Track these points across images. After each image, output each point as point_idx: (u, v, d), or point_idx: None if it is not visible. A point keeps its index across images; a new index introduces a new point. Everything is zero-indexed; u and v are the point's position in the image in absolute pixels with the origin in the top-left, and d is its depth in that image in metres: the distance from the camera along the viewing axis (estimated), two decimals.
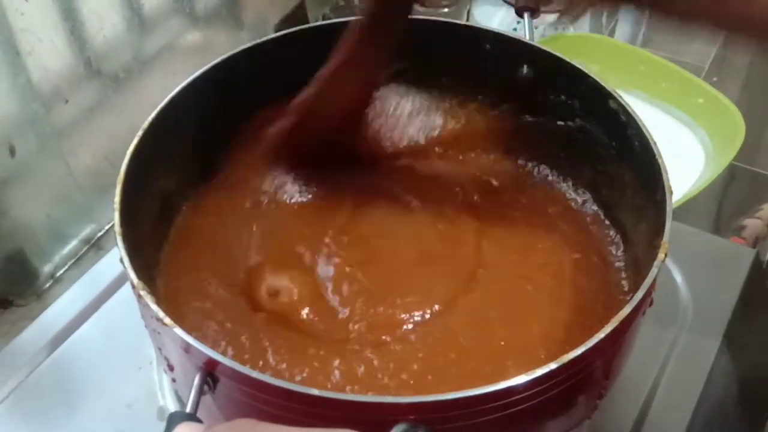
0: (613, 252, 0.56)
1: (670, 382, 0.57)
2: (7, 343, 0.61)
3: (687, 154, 0.87)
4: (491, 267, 0.54)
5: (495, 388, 0.38)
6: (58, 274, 0.74)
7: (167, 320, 0.40)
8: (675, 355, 0.59)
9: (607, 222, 0.58)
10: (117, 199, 0.47)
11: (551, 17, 1.01)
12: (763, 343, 0.68)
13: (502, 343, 0.49)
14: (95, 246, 0.77)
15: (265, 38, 0.60)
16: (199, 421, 0.36)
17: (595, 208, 0.60)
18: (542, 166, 0.63)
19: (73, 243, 0.76)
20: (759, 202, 0.94)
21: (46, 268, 0.74)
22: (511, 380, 0.38)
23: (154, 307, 0.41)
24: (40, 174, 0.71)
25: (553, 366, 0.39)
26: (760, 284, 0.66)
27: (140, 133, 0.51)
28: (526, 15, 0.65)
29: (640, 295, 0.42)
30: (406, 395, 0.39)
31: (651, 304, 0.47)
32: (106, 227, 0.77)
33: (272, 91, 0.62)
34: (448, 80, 0.65)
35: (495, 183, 0.62)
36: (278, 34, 0.60)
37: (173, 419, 0.35)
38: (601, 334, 0.40)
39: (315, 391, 0.37)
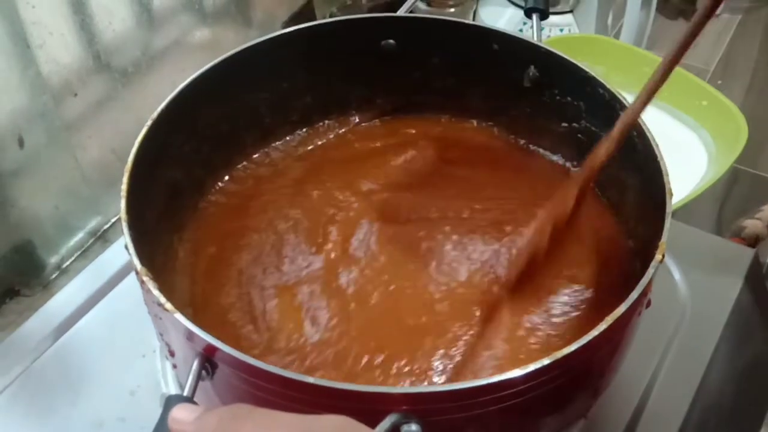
0: (615, 250, 0.57)
1: (667, 381, 0.57)
2: (13, 331, 0.62)
3: (690, 156, 0.87)
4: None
5: (488, 381, 0.38)
6: (64, 266, 0.75)
7: (168, 305, 0.41)
8: (672, 353, 0.59)
9: (608, 221, 0.59)
10: (124, 186, 0.47)
11: (557, 18, 1.02)
12: (760, 342, 0.68)
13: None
14: (101, 238, 0.78)
15: (272, 34, 0.60)
16: (195, 404, 0.37)
17: (597, 207, 0.60)
18: (545, 166, 0.63)
19: (80, 235, 0.77)
20: (760, 205, 0.95)
21: (53, 260, 0.75)
22: (504, 374, 0.39)
23: (156, 292, 0.41)
24: (49, 166, 0.72)
25: (546, 361, 0.39)
26: (759, 284, 0.66)
27: (149, 123, 0.52)
28: (534, 16, 0.65)
29: (635, 295, 0.43)
30: None
31: (648, 305, 0.47)
32: (113, 220, 0.78)
33: (279, 87, 0.63)
34: (454, 80, 0.65)
35: (496, 181, 0.62)
36: (286, 30, 0.61)
37: (170, 402, 0.36)
38: (594, 332, 0.41)
39: (310, 379, 0.37)
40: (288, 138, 0.65)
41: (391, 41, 0.63)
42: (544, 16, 0.65)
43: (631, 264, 0.55)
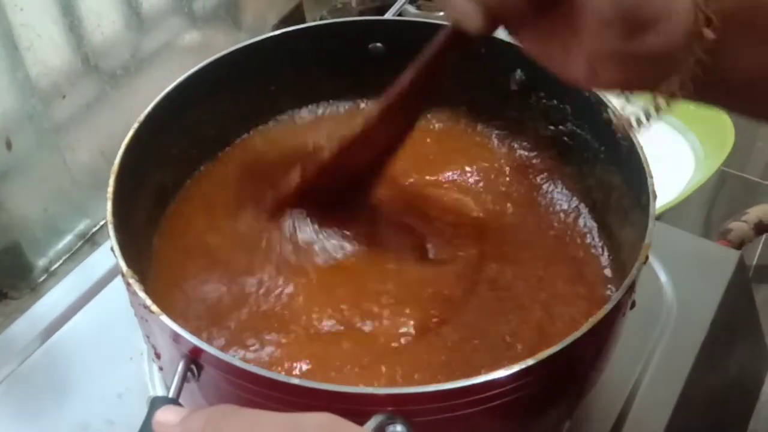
0: (601, 253, 0.57)
1: (653, 382, 0.57)
2: None
3: (677, 159, 0.88)
4: (478, 262, 0.55)
5: (472, 381, 0.39)
6: (52, 268, 0.75)
7: (154, 308, 0.41)
8: (658, 354, 0.59)
9: (594, 224, 0.59)
10: (110, 189, 0.47)
11: None
12: (746, 344, 0.69)
13: (476, 341, 0.50)
14: (90, 241, 0.78)
15: (262, 36, 0.60)
16: (180, 405, 0.37)
17: (583, 210, 0.60)
18: (531, 169, 0.63)
19: (68, 238, 0.77)
20: (748, 207, 0.96)
21: (41, 262, 0.75)
22: (488, 375, 0.39)
23: (141, 294, 0.42)
24: (37, 169, 0.72)
25: (530, 362, 0.40)
26: (744, 286, 0.67)
27: (136, 125, 0.52)
28: None
29: (618, 295, 0.43)
30: None
31: (633, 306, 0.48)
32: (101, 223, 0.78)
33: (267, 90, 0.63)
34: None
35: (484, 183, 0.63)
36: (275, 32, 0.61)
37: (155, 403, 0.36)
38: (578, 333, 0.41)
39: (295, 381, 0.38)
40: (275, 137, 0.65)
41: (379, 44, 0.63)
42: None
43: (614, 268, 0.55)
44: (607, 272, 0.55)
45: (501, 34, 0.42)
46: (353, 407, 0.38)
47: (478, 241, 0.57)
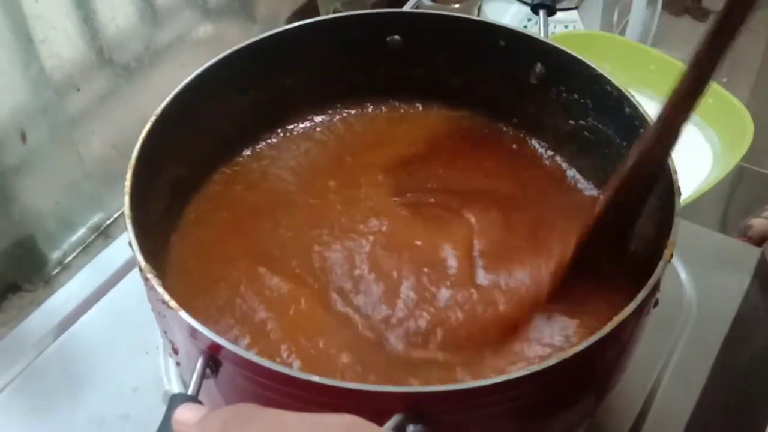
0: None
1: (673, 380, 0.57)
2: (15, 327, 0.62)
3: (695, 154, 0.86)
4: (492, 258, 0.54)
5: (493, 381, 0.38)
6: (66, 261, 0.75)
7: (172, 303, 0.40)
8: (678, 352, 0.59)
9: None
10: (128, 183, 0.47)
11: (562, 15, 1.01)
12: (767, 341, 0.68)
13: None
14: (103, 234, 0.77)
15: (276, 30, 0.60)
16: (200, 403, 0.37)
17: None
18: (552, 164, 0.63)
19: (82, 230, 0.77)
20: (767, 203, 0.94)
21: (55, 255, 0.75)
22: (509, 374, 0.38)
23: (159, 289, 0.41)
24: (51, 162, 0.72)
25: (552, 361, 0.39)
26: (766, 283, 0.66)
27: (152, 119, 0.52)
28: (541, 12, 0.65)
29: (643, 294, 0.42)
30: None
31: (656, 304, 0.47)
32: (115, 215, 0.78)
33: (282, 83, 0.63)
34: (459, 78, 0.65)
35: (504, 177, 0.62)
36: (290, 26, 0.60)
37: (174, 401, 0.35)
38: (602, 333, 0.40)
39: (315, 378, 0.37)
40: (291, 133, 0.65)
41: (397, 37, 0.62)
42: (551, 12, 0.65)
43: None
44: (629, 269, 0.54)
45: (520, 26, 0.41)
46: (373, 406, 0.37)
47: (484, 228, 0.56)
